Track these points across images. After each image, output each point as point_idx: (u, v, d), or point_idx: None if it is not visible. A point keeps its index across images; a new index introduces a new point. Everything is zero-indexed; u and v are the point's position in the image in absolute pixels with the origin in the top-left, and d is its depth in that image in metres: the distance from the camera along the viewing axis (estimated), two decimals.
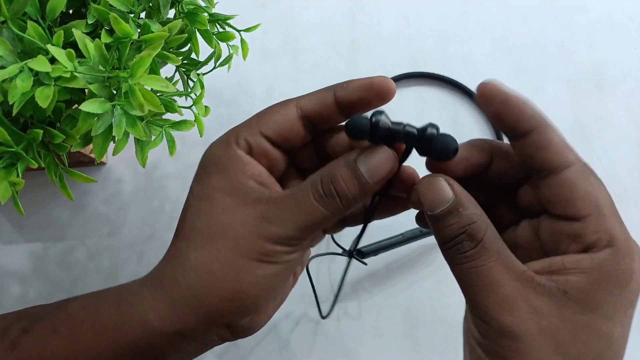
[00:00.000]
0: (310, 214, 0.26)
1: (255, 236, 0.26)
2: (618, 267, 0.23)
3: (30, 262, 0.44)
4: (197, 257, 0.27)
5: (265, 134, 0.28)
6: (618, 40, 0.54)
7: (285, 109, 0.29)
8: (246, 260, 0.26)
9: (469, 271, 0.24)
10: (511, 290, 0.24)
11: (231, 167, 0.28)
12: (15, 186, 0.23)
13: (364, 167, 0.26)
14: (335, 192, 0.26)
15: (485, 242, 0.24)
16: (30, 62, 0.21)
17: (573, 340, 0.23)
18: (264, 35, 0.51)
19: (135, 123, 0.24)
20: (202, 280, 0.26)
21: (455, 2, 0.54)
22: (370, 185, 0.26)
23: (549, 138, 0.25)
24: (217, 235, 0.27)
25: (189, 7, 0.31)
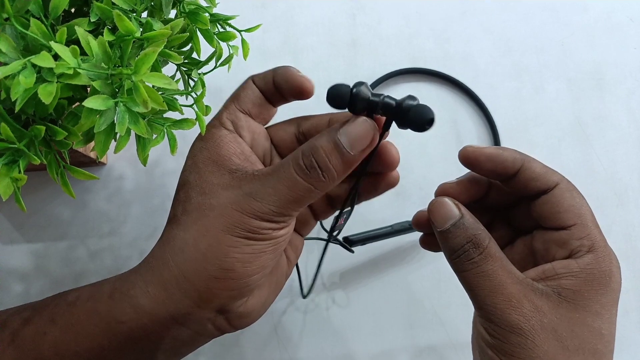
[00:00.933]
0: (292, 188, 0.27)
1: (241, 213, 0.27)
2: (600, 268, 0.27)
3: (31, 261, 0.44)
4: (185, 237, 0.27)
5: (241, 108, 0.31)
6: (618, 40, 0.54)
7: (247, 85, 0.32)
8: (232, 237, 0.27)
9: (476, 276, 0.27)
10: (515, 291, 0.26)
11: (214, 147, 0.29)
12: (17, 182, 0.24)
13: (344, 138, 0.27)
14: (317, 165, 0.27)
15: (489, 250, 0.27)
16: (33, 58, 0.21)
17: (571, 335, 0.26)
18: (264, 35, 0.51)
19: (137, 120, 0.24)
20: (190, 259, 0.27)
21: (455, 2, 0.54)
22: (351, 156, 0.27)
23: (533, 170, 0.29)
24: (205, 215, 0.27)
25: (190, 7, 0.31)
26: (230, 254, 0.27)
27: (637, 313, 0.46)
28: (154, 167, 0.47)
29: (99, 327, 0.27)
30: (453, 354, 0.45)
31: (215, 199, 0.28)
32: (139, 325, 0.27)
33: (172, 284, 0.27)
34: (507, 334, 0.26)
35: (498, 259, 0.27)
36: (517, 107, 0.51)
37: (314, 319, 0.45)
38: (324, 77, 0.51)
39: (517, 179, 0.29)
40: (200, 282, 0.27)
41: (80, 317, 0.28)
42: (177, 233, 0.28)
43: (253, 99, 0.31)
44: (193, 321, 0.28)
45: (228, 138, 0.30)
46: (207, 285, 0.27)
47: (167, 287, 0.27)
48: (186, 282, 0.27)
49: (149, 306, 0.27)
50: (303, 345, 0.44)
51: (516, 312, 0.26)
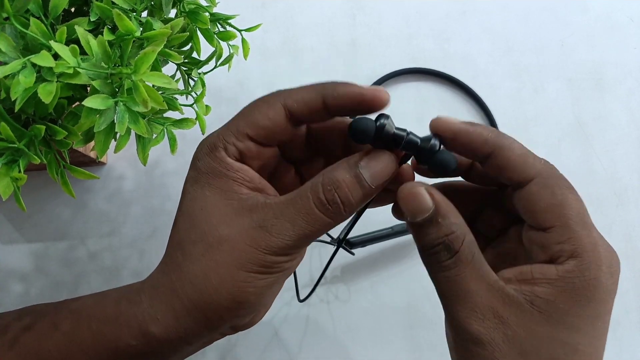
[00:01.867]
0: (311, 223, 0.26)
1: (254, 248, 0.26)
2: (582, 278, 0.24)
3: (31, 261, 0.44)
4: (194, 270, 0.26)
5: (253, 137, 0.28)
6: (618, 40, 0.54)
7: (272, 111, 0.28)
8: (246, 273, 0.26)
9: (444, 280, 0.26)
10: (481, 300, 0.25)
11: (222, 175, 0.27)
12: (17, 182, 0.24)
13: (366, 172, 0.26)
14: (339, 200, 0.26)
15: (461, 254, 0.25)
16: (33, 58, 0.21)
17: (535, 350, 0.24)
18: (264, 35, 0.51)
19: (137, 119, 0.24)
20: (202, 293, 0.26)
21: (455, 2, 0.54)
22: (372, 190, 0.26)
23: (507, 157, 0.25)
24: (214, 248, 0.26)
25: (190, 6, 0.31)
26: (244, 289, 0.26)
27: (637, 313, 0.46)
28: (154, 167, 0.47)
29: (105, 349, 0.27)
30: None
31: (224, 230, 0.26)
32: (149, 348, 0.27)
33: (182, 313, 0.26)
34: (467, 342, 0.25)
35: (469, 263, 0.25)
36: (517, 107, 0.51)
37: (313, 319, 0.45)
38: (324, 77, 0.51)
39: (488, 164, 0.26)
40: (212, 313, 0.26)
41: (84, 334, 0.27)
42: (184, 264, 0.27)
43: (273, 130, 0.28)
44: (202, 339, 0.28)
45: (236, 167, 0.28)
46: (219, 314, 0.26)
47: (178, 316, 0.26)
48: (198, 312, 0.26)
49: (159, 333, 0.26)
50: (302, 345, 0.44)
51: (477, 323, 0.24)
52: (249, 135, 0.28)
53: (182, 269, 0.27)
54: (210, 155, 0.28)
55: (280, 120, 0.27)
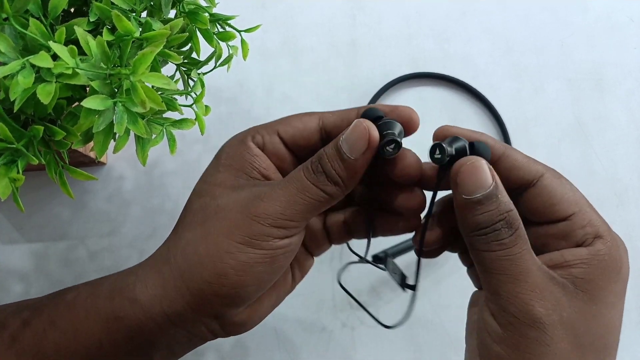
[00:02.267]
0: (302, 190, 0.26)
1: (245, 215, 0.26)
2: (612, 255, 0.25)
3: (31, 261, 0.44)
4: (188, 237, 0.27)
5: (282, 136, 0.29)
6: (618, 40, 0.54)
7: (307, 118, 0.30)
8: (231, 242, 0.26)
9: (501, 259, 0.24)
10: (541, 281, 0.24)
11: (240, 157, 0.29)
12: (15, 182, 0.24)
13: (344, 144, 0.26)
14: (322, 169, 0.27)
15: (521, 231, 0.25)
16: (32, 58, 0.21)
17: (587, 330, 0.24)
18: (264, 35, 0.51)
19: (136, 120, 0.24)
20: (188, 260, 0.27)
21: (455, 2, 0.54)
22: (352, 161, 0.26)
23: (515, 158, 0.26)
24: (210, 217, 0.27)
25: (190, 7, 0.31)
26: (225, 260, 0.26)
27: (637, 313, 0.46)
28: (154, 167, 0.47)
29: (97, 324, 0.27)
30: (453, 354, 0.45)
31: (223, 200, 0.27)
32: (135, 322, 0.27)
33: (169, 282, 0.27)
34: (525, 327, 0.23)
35: (527, 241, 0.25)
36: (517, 107, 0.51)
37: (311, 319, 0.45)
38: (324, 77, 0.51)
39: (497, 168, 0.26)
40: (193, 284, 0.26)
41: (79, 314, 0.28)
42: (182, 233, 0.28)
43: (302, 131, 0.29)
44: (187, 322, 0.27)
45: (255, 152, 0.29)
46: (199, 288, 0.26)
47: (165, 284, 0.27)
48: (182, 283, 0.26)
49: (145, 301, 0.27)
50: (301, 344, 0.44)
51: (540, 305, 0.23)
52: (279, 133, 0.29)
53: (179, 237, 0.28)
54: (237, 139, 0.30)
55: (312, 125, 0.29)
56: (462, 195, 0.25)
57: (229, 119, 0.49)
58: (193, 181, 0.30)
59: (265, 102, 0.50)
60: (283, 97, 0.50)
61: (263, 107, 0.50)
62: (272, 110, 0.50)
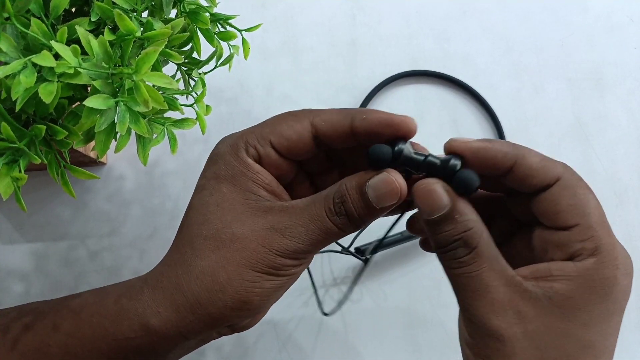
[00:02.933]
0: (323, 230, 0.27)
1: (266, 249, 0.26)
2: (601, 275, 0.24)
3: (31, 261, 0.44)
4: (203, 266, 0.27)
5: (276, 147, 0.28)
6: (618, 40, 0.54)
7: (299, 126, 0.28)
8: (254, 273, 0.26)
9: (462, 276, 0.25)
10: (501, 295, 0.24)
11: (242, 175, 0.28)
12: (17, 181, 0.24)
13: (372, 192, 0.26)
14: (345, 212, 0.27)
15: (479, 249, 0.25)
16: (34, 58, 0.21)
17: (553, 345, 0.24)
18: (264, 35, 0.51)
19: (138, 120, 0.24)
20: (208, 289, 0.26)
21: (455, 2, 0.54)
22: (378, 211, 0.27)
23: (529, 165, 0.26)
24: (226, 245, 0.27)
25: (190, 7, 0.31)
26: (250, 289, 0.26)
27: (637, 313, 0.47)
28: (154, 167, 0.47)
29: (105, 342, 0.27)
30: (453, 354, 0.45)
31: (238, 228, 0.27)
32: (148, 342, 0.27)
33: (185, 308, 0.27)
34: (486, 338, 0.25)
35: (487, 258, 0.25)
36: (516, 107, 0.51)
37: (312, 318, 0.45)
38: (324, 77, 0.51)
39: (511, 176, 0.26)
40: (215, 310, 0.26)
41: (85, 330, 0.28)
42: (194, 259, 0.27)
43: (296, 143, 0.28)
44: (201, 334, 0.28)
45: (255, 168, 0.28)
46: (222, 313, 0.27)
47: (180, 310, 0.27)
48: (201, 309, 0.27)
49: (159, 326, 0.27)
50: (301, 344, 0.44)
51: (497, 319, 0.24)
52: (272, 143, 0.28)
53: (190, 264, 0.27)
54: (232, 154, 0.28)
55: (306, 135, 0.28)
56: (422, 217, 0.26)
57: (229, 119, 0.49)
58: (193, 181, 0.30)
59: (266, 101, 0.50)
60: (283, 97, 0.50)
61: (263, 106, 0.50)
62: (273, 110, 0.50)
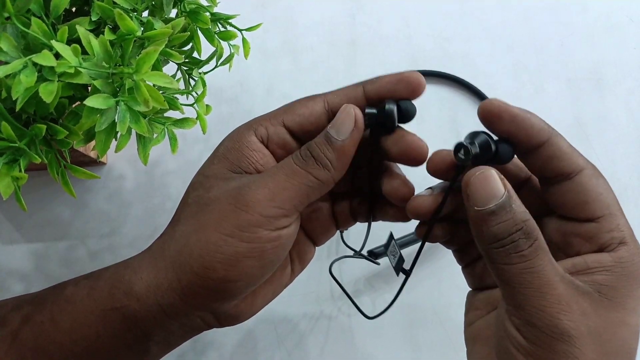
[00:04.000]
0: (290, 176, 0.26)
1: (232, 205, 0.26)
2: (634, 262, 0.24)
3: (31, 261, 0.44)
4: (181, 230, 0.27)
5: (288, 125, 0.28)
6: (618, 40, 0.54)
7: (312, 103, 0.28)
8: (219, 235, 0.26)
9: (522, 272, 0.23)
10: (563, 292, 0.23)
11: (237, 150, 0.28)
12: (18, 181, 0.24)
13: (332, 130, 0.27)
14: (311, 154, 0.27)
15: (540, 242, 0.23)
16: (34, 57, 0.21)
17: (613, 338, 0.23)
18: (264, 35, 0.51)
19: (138, 119, 0.24)
20: (180, 252, 0.27)
21: (455, 2, 0.54)
22: (340, 143, 0.27)
23: (560, 147, 0.25)
24: (202, 209, 0.27)
25: (191, 6, 0.31)
26: (212, 252, 0.26)
27: None
28: (155, 166, 0.47)
29: (95, 316, 0.27)
30: (453, 354, 0.45)
31: (214, 192, 0.27)
32: (132, 312, 0.27)
33: (162, 273, 0.27)
34: (553, 341, 0.23)
35: (548, 252, 0.23)
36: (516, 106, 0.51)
37: (311, 318, 0.45)
38: (324, 76, 0.51)
39: (538, 154, 0.25)
40: (184, 275, 0.26)
41: (78, 308, 0.28)
42: (176, 225, 0.28)
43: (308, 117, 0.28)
44: (180, 314, 0.27)
45: (255, 146, 0.28)
46: (189, 280, 0.26)
47: (158, 275, 0.27)
48: (173, 274, 0.26)
49: (140, 292, 0.27)
50: (300, 344, 0.44)
51: (567, 317, 0.22)
52: (285, 123, 0.28)
53: (173, 229, 0.28)
54: (237, 134, 0.29)
55: (318, 111, 0.28)
56: (474, 207, 0.24)
57: (229, 119, 0.49)
58: None
59: (266, 101, 0.50)
60: (283, 97, 0.50)
61: (263, 106, 0.50)
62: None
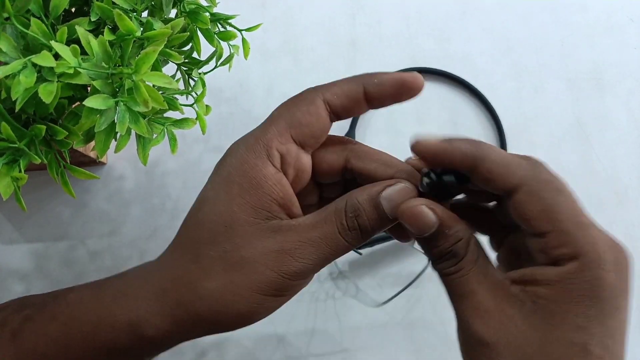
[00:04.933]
0: (333, 247, 0.26)
1: (275, 272, 0.26)
2: (585, 277, 0.23)
3: (31, 261, 0.44)
4: (210, 288, 0.26)
5: (296, 139, 0.27)
6: (618, 40, 0.54)
7: (314, 107, 0.27)
8: (261, 296, 0.26)
9: (450, 282, 0.26)
10: (486, 300, 0.25)
11: (257, 189, 0.26)
12: (17, 181, 0.24)
13: (386, 203, 0.26)
14: (358, 226, 0.26)
15: (466, 258, 0.25)
16: (34, 58, 0.21)
17: (540, 350, 0.23)
18: (264, 35, 0.51)
19: (138, 119, 0.24)
20: (211, 310, 0.26)
21: (455, 2, 0.54)
22: (390, 221, 0.27)
23: (488, 168, 0.25)
24: (234, 269, 0.26)
25: (190, 7, 0.31)
26: (255, 309, 0.26)
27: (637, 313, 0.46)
28: (154, 166, 0.47)
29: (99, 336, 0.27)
30: (453, 353, 0.45)
31: (247, 251, 0.26)
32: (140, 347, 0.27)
33: (185, 322, 0.27)
34: (474, 343, 0.25)
35: (473, 265, 0.25)
36: (517, 107, 0.51)
37: (311, 317, 0.45)
38: (324, 77, 0.51)
39: (475, 176, 0.25)
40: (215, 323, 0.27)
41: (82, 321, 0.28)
42: (199, 280, 0.26)
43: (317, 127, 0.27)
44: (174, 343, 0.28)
45: (273, 180, 0.27)
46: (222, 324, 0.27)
47: (179, 324, 0.27)
48: (201, 323, 0.27)
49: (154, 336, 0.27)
50: (300, 344, 0.44)
51: (481, 323, 0.24)
52: (292, 136, 0.27)
53: (195, 285, 0.26)
54: (249, 163, 0.27)
55: (322, 115, 0.27)
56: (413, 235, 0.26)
57: (229, 119, 0.49)
58: (194, 181, 0.30)
59: (266, 101, 0.50)
60: (283, 97, 0.50)
61: (263, 106, 0.50)
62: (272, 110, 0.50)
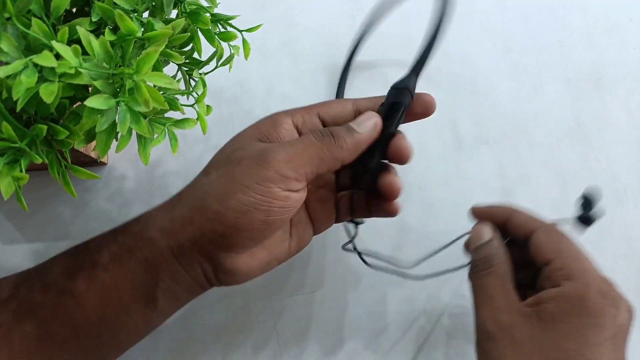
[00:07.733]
0: (308, 145, 0.31)
1: (254, 161, 0.30)
2: (574, 293, 0.30)
3: (32, 261, 0.45)
4: (203, 181, 0.31)
5: (322, 117, 0.34)
6: (617, 40, 0.54)
7: (344, 103, 0.35)
8: (237, 184, 0.29)
9: (475, 285, 0.34)
10: (501, 306, 0.32)
11: (271, 125, 0.33)
12: (18, 181, 0.24)
13: (355, 124, 0.33)
14: (330, 133, 0.32)
15: (495, 268, 0.34)
16: (35, 58, 0.21)
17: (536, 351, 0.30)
18: (265, 35, 0.52)
19: (139, 119, 0.24)
20: (198, 198, 0.30)
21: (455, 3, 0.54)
22: (358, 135, 0.32)
23: (516, 221, 0.36)
24: (229, 164, 0.31)
25: (191, 7, 0.31)
26: (228, 200, 0.29)
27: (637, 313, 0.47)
28: (155, 166, 0.47)
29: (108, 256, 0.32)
30: (453, 353, 0.45)
31: (241, 152, 0.31)
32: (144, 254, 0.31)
33: (177, 217, 0.31)
34: (483, 338, 0.32)
35: (499, 277, 0.33)
36: (516, 107, 0.51)
37: (311, 317, 0.45)
38: (324, 77, 0.51)
39: (507, 227, 0.36)
40: (197, 218, 0.30)
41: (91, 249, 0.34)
42: (198, 178, 0.32)
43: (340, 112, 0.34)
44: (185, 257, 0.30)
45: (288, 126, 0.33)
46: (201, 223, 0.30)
47: (173, 219, 0.31)
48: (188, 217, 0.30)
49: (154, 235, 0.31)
50: (300, 344, 0.44)
51: (492, 322, 0.31)
52: (319, 114, 0.34)
53: (194, 182, 0.32)
54: (275, 115, 0.34)
55: (349, 110, 0.34)
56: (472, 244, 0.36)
57: (229, 119, 0.49)
58: None
59: (266, 101, 0.50)
60: (283, 97, 0.51)
61: (263, 106, 0.50)
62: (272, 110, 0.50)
